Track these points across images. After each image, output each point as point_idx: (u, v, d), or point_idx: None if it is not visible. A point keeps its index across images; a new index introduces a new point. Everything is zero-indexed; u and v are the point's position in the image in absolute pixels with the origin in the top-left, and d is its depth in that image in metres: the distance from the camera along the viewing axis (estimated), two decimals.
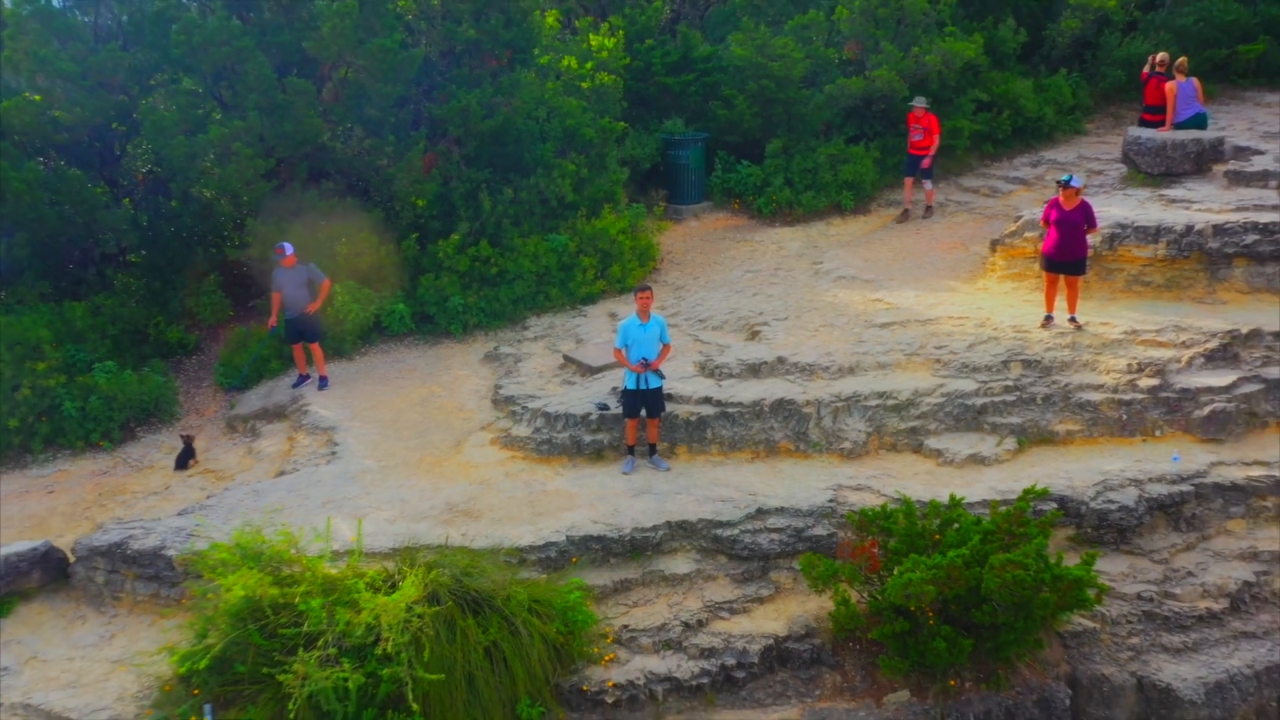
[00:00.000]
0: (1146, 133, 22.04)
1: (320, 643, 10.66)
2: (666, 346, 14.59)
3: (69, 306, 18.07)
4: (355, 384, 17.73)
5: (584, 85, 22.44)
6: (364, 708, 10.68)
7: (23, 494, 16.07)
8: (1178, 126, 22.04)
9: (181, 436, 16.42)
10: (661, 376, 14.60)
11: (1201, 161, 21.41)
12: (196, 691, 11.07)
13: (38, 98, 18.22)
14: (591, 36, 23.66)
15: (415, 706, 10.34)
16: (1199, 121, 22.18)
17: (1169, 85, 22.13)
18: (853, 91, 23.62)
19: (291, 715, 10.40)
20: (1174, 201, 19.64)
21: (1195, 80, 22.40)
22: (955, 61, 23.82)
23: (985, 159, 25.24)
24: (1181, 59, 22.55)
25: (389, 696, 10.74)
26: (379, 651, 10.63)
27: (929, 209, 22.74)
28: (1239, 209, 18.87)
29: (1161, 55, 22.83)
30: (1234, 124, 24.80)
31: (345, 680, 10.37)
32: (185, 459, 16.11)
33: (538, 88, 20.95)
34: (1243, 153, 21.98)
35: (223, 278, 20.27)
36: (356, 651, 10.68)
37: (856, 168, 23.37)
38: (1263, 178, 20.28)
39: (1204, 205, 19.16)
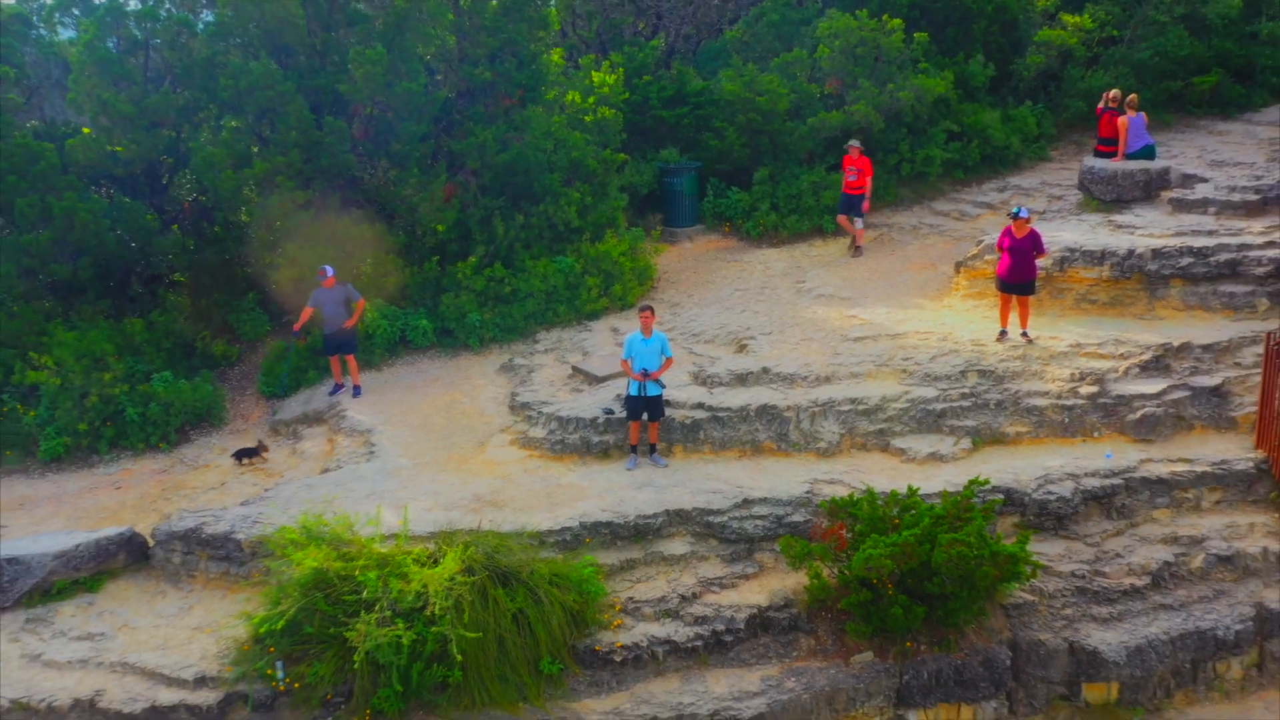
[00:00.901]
0: (1100, 163, 24.24)
1: (377, 608, 12.75)
2: (668, 360, 16.67)
3: (128, 323, 20.16)
4: (385, 392, 19.81)
5: (587, 119, 24.52)
6: (413, 661, 12.76)
7: (94, 489, 18.16)
8: (1129, 157, 24.24)
9: (260, 442, 18.46)
10: (661, 385, 16.69)
11: (1150, 189, 23.60)
12: (272, 649, 13.16)
13: (90, 132, 20.33)
14: (594, 73, 25.79)
15: (459, 658, 12.46)
16: (1148, 153, 24.38)
17: (1121, 120, 24.35)
18: (833, 124, 25.78)
19: (356, 665, 12.51)
20: (1121, 227, 21.83)
21: (1144, 115, 24.62)
22: (927, 96, 26.01)
23: (956, 185, 27.40)
24: (1132, 95, 24.75)
25: (434, 653, 12.84)
26: (426, 614, 12.72)
27: (859, 248, 24.29)
28: (1178, 234, 21.07)
29: (1114, 92, 25.01)
30: (1186, 151, 26.99)
31: (399, 637, 12.47)
32: (247, 454, 18.14)
33: (546, 122, 23.04)
34: (1189, 180, 24.16)
35: (260, 296, 22.32)
36: (407, 615, 12.78)
37: (837, 194, 25.41)
38: (1203, 205, 22.49)
39: (1147, 230, 21.35)
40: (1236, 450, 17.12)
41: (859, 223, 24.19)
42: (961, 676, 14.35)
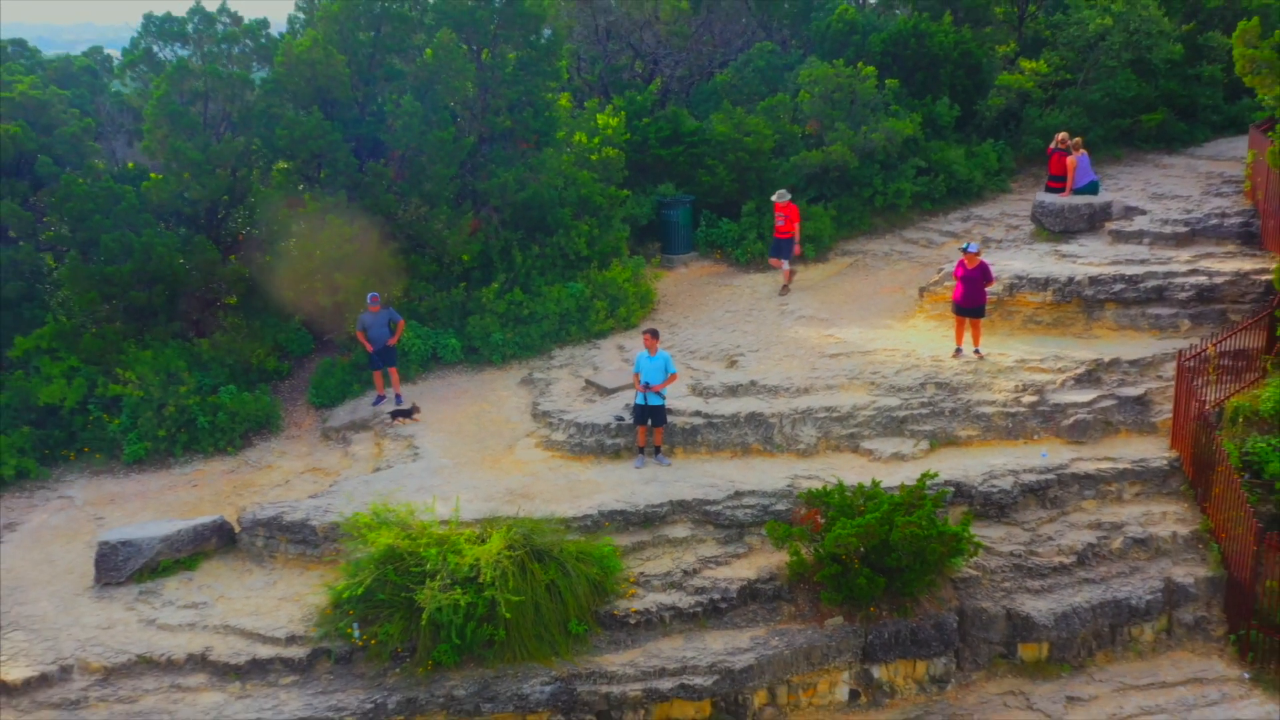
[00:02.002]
0: (1050, 198, 27.32)
1: (438, 577, 15.65)
2: (672, 376, 19.57)
3: (197, 342, 23.04)
4: (421, 402, 22.64)
5: (593, 158, 27.48)
6: (467, 621, 15.65)
7: (173, 487, 21.05)
8: (1076, 193, 27.31)
9: (413, 405, 21.82)
10: (661, 396, 19.61)
11: (1094, 221, 26.68)
12: (350, 613, 16.05)
13: (159, 176, 23.23)
14: (599, 116, 28.76)
15: (507, 615, 15.41)
16: (1092, 188, 27.46)
17: (1069, 159, 27.45)
18: (813, 162, 28.81)
19: (424, 623, 15.42)
20: (1065, 255, 24.88)
21: (1088, 155, 27.70)
22: (897, 137, 29.06)
23: (924, 215, 30.40)
24: (1078, 139, 27.84)
25: (483, 615, 15.73)
26: (478, 583, 15.63)
27: (787, 288, 26.65)
28: (1114, 263, 24.13)
29: (1062, 135, 28.10)
30: (1131, 185, 30.05)
31: (458, 600, 15.37)
32: (403, 414, 21.63)
33: (558, 162, 25.98)
34: (1131, 212, 27.26)
35: (305, 318, 25.17)
36: (462, 583, 15.67)
37: (817, 224, 28.49)
38: (1139, 236, 25.55)
39: (1087, 260, 24.40)
40: (1154, 450, 20.13)
41: (786, 264, 26.61)
42: (916, 637, 17.30)
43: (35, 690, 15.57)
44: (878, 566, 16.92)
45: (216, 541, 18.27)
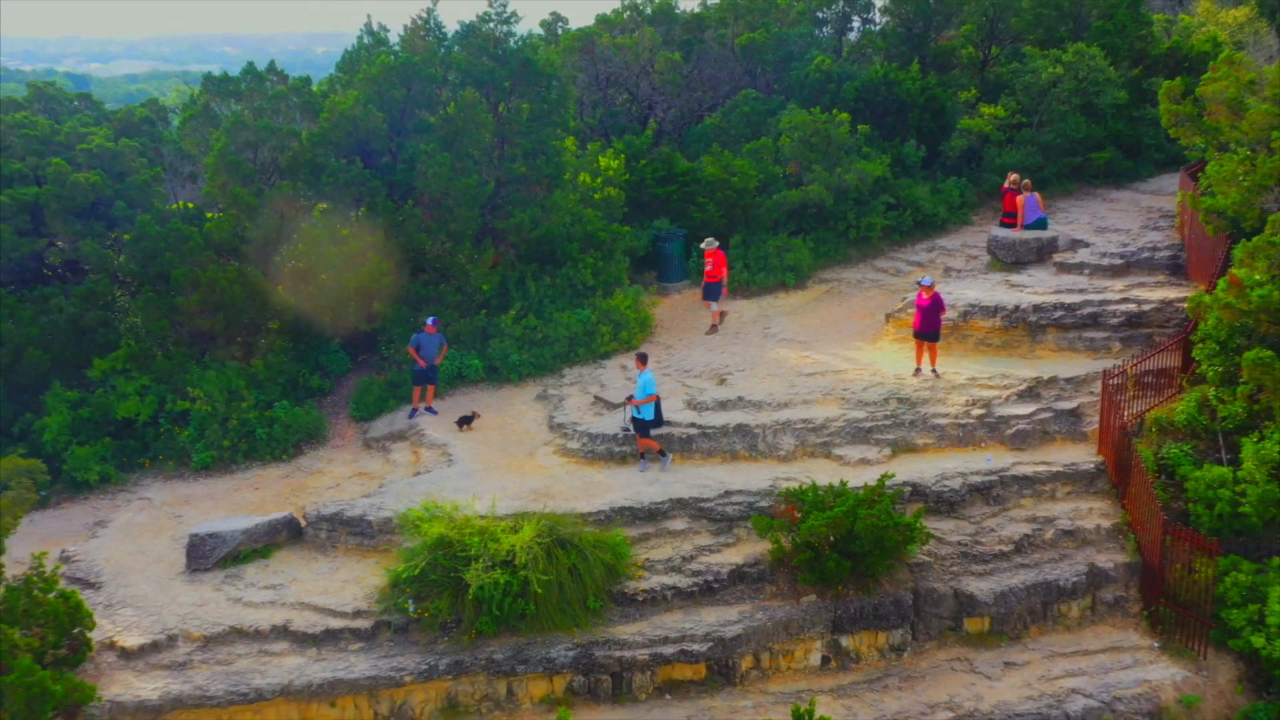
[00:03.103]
0: (1003, 232, 30.73)
1: (480, 561, 18.92)
2: (650, 396, 22.71)
3: (255, 364, 26.28)
4: (450, 416, 25.91)
5: (596, 196, 30.82)
6: (504, 597, 18.92)
7: (237, 489, 24.29)
8: (1026, 228, 30.70)
9: (473, 413, 25.08)
10: (638, 411, 22.68)
11: (1042, 253, 30.08)
12: (407, 590, 19.32)
13: (215, 215, 26.50)
14: (601, 158, 32.12)
15: (539, 591, 18.72)
16: (1041, 224, 30.84)
17: (1020, 198, 30.85)
18: (793, 200, 32.21)
19: (469, 598, 18.70)
20: (1014, 285, 28.27)
21: (1038, 194, 31.13)
22: (868, 177, 32.46)
23: (893, 246, 33.80)
24: (1028, 180, 31.29)
25: (517, 592, 18.99)
26: (513, 565, 18.90)
27: (715, 327, 29.39)
28: (1056, 292, 27.52)
29: (1014, 176, 31.54)
30: (1080, 218, 33.47)
31: (498, 579, 18.65)
32: (466, 420, 24.90)
33: (566, 201, 29.30)
34: (1077, 244, 30.66)
35: (342, 340, 28.43)
36: (500, 566, 18.95)
37: (796, 255, 31.87)
38: (1080, 267, 28.95)
39: (1033, 289, 27.79)
40: (1084, 456, 23.50)
41: (714, 305, 29.30)
42: (878, 612, 20.62)
43: (148, 654, 18.82)
44: (845, 552, 20.24)
45: (286, 534, 21.54)
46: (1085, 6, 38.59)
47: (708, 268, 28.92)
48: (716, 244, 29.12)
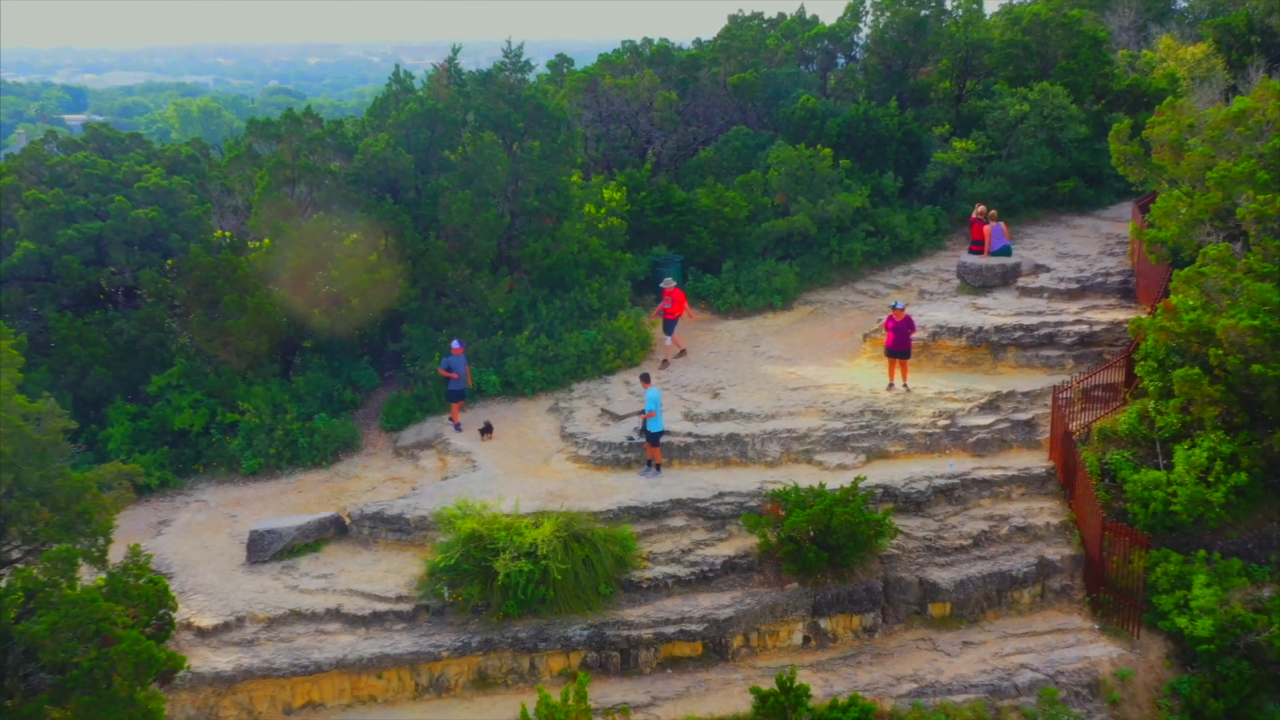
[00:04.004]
0: (971, 259, 33.78)
1: (506, 552, 21.87)
2: (650, 412, 25.69)
3: (296, 380, 29.24)
4: (470, 427, 28.86)
5: (600, 226, 33.82)
6: (528, 584, 21.88)
7: (283, 493, 27.23)
8: (992, 255, 33.75)
9: (486, 423, 27.93)
10: (646, 422, 25.70)
11: (1007, 278, 33.13)
12: (443, 579, 22.28)
13: (258, 245, 29.47)
14: (604, 190, 35.14)
15: (558, 578, 21.69)
16: (1005, 251, 33.89)
17: (987, 228, 33.90)
18: (780, 228, 35.26)
19: (498, 585, 21.66)
20: (980, 308, 31.31)
21: (1003, 224, 34.20)
22: (848, 207, 35.51)
23: (873, 270, 36.83)
24: (994, 210, 34.37)
25: (539, 580, 21.95)
26: (535, 556, 21.86)
27: (666, 361, 31.77)
28: (1016, 314, 30.56)
29: (981, 207, 34.63)
30: (1044, 244, 36.50)
31: (523, 568, 21.61)
32: (487, 430, 27.77)
33: (574, 231, 32.29)
34: (1040, 269, 33.69)
35: (371, 358, 31.37)
36: (524, 556, 21.91)
37: (783, 279, 34.89)
38: (1040, 291, 32.00)
39: (996, 311, 30.83)
40: (1037, 461, 26.53)
41: (668, 340, 31.67)
42: (852, 598, 23.61)
43: (220, 634, 21.78)
44: (823, 545, 23.22)
45: (333, 531, 24.50)
46: (1051, 46, 41.71)
47: (666, 305, 31.19)
48: (675, 283, 31.60)
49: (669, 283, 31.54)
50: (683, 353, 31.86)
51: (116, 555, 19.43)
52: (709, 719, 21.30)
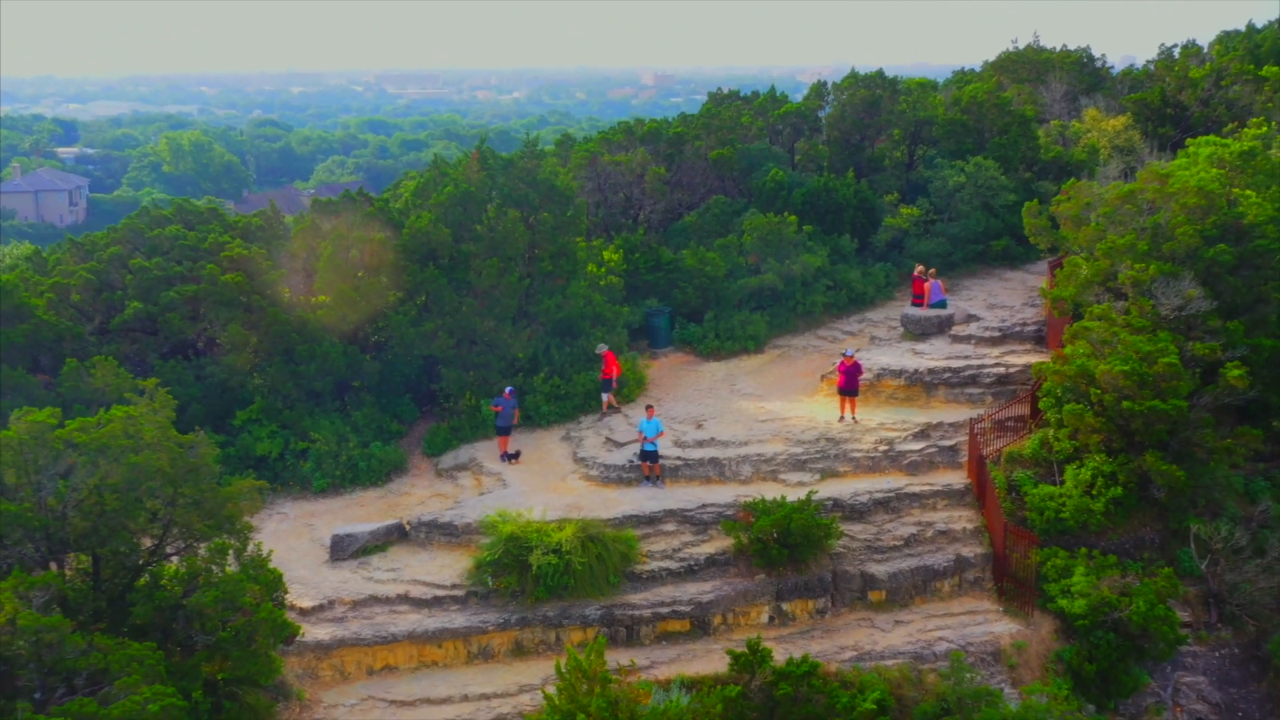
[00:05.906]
0: (913, 310, 40.32)
1: (538, 549, 28.19)
2: (660, 433, 32.18)
3: (355, 414, 35.55)
4: (495, 454, 35.11)
5: (601, 283, 40.23)
6: (554, 574, 28.18)
7: (348, 507, 33.49)
8: (931, 307, 40.28)
9: (516, 451, 33.97)
10: (652, 445, 32.10)
11: (943, 327, 39.68)
12: (488, 570, 28.57)
13: (321, 300, 35.83)
14: (604, 252, 41.60)
15: (578, 570, 28.00)
16: (941, 304, 40.43)
17: (926, 284, 40.47)
18: (753, 284, 41.79)
19: (532, 575, 27.96)
20: (918, 353, 37.81)
21: (940, 280, 40.79)
22: (810, 266, 42.07)
23: (832, 318, 43.36)
24: (932, 269, 40.99)
25: (563, 570, 28.25)
26: (560, 551, 28.18)
27: (602, 415, 37.33)
28: (947, 358, 37.08)
29: (920, 267, 41.25)
30: (978, 295, 43.12)
31: (551, 561, 27.95)
32: (513, 457, 33.87)
33: (580, 288, 38.68)
34: (972, 319, 40.25)
35: (413, 395, 37.67)
36: (552, 552, 28.22)
37: (756, 327, 41.36)
38: (969, 338, 38.55)
39: (931, 356, 37.34)
40: (958, 479, 32.98)
41: (605, 395, 36.97)
42: (808, 586, 29.97)
43: (317, 613, 28.03)
44: (784, 544, 29.60)
45: (396, 535, 30.81)
46: (987, 124, 48.52)
47: (604, 365, 36.43)
48: (607, 347, 36.96)
49: (602, 347, 36.79)
50: (616, 409, 36.86)
51: None
52: (695, 677, 27.58)
